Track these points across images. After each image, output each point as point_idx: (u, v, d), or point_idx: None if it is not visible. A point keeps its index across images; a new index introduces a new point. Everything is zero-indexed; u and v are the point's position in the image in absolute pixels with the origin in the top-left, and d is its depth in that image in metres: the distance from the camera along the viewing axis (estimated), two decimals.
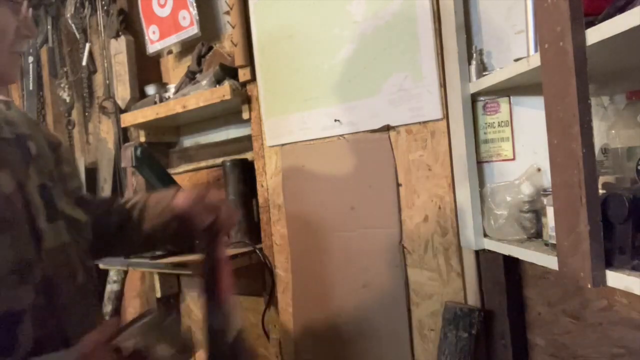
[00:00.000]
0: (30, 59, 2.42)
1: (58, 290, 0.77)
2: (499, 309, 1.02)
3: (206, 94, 1.43)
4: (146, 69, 1.84)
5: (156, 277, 1.77)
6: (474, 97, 1.01)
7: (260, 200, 1.43)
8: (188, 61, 1.67)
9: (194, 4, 1.56)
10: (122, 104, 1.85)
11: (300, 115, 1.31)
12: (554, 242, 0.74)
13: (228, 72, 1.45)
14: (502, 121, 1.00)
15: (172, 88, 1.69)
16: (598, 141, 0.80)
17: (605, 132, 0.83)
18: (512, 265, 1.00)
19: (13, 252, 0.72)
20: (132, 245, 1.04)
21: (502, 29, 0.98)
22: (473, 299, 1.04)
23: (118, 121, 1.85)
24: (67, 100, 2.22)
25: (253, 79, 1.41)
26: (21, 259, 0.73)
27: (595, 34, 0.61)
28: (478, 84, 0.97)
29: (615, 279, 0.64)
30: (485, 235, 1.00)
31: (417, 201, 1.11)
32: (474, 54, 0.99)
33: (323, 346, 1.30)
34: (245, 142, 1.55)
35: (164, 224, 0.95)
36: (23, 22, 0.76)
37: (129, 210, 0.98)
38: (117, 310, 1.90)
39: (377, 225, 1.18)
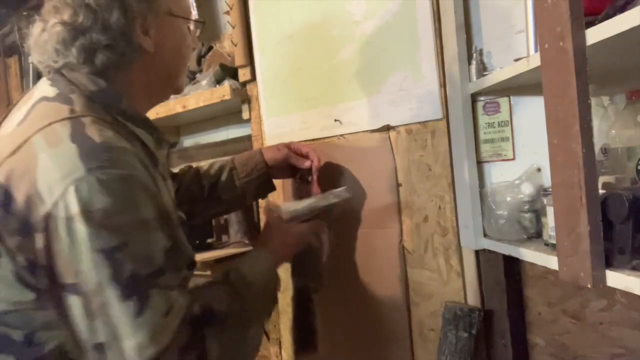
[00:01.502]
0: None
1: None
2: (499, 309, 1.02)
3: (206, 94, 1.43)
4: None
5: None
6: (474, 97, 1.01)
7: (260, 200, 1.43)
8: None
9: (194, 4, 1.56)
10: None
11: (300, 115, 1.31)
12: (554, 242, 0.74)
13: (228, 72, 1.45)
14: (502, 121, 1.00)
15: None
16: (598, 141, 0.80)
17: (605, 132, 0.83)
18: (512, 265, 1.00)
19: (186, 250, 0.81)
20: (224, 205, 1.18)
21: (502, 29, 0.98)
22: (473, 299, 1.04)
23: None
24: None
25: (253, 79, 1.41)
26: (189, 256, 0.83)
27: (595, 34, 0.61)
28: (478, 84, 0.97)
29: (615, 279, 0.64)
30: (485, 235, 1.00)
31: (417, 201, 1.11)
32: (474, 54, 0.99)
33: (323, 346, 1.30)
34: (245, 142, 1.55)
35: (255, 179, 1.12)
36: (192, 36, 0.91)
37: (217, 173, 1.12)
38: None
39: (377, 225, 1.18)
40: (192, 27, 0.91)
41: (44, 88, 0.77)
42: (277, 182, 1.27)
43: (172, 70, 0.88)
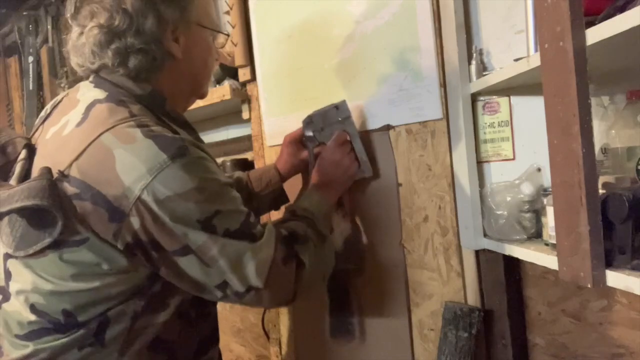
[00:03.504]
0: (30, 59, 2.42)
1: None
2: (499, 309, 1.02)
3: None
4: None
5: None
6: (474, 97, 1.01)
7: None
8: None
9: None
10: None
11: (300, 115, 1.30)
12: (554, 242, 0.74)
13: (228, 72, 1.45)
14: (502, 121, 1.00)
15: None
16: (598, 141, 0.80)
17: (605, 132, 0.83)
18: (512, 265, 1.00)
19: None
20: None
21: (502, 29, 0.98)
22: (473, 299, 1.04)
23: None
24: None
25: (253, 79, 1.41)
26: None
27: (595, 34, 0.61)
28: (478, 84, 0.97)
29: (615, 279, 0.64)
30: (485, 235, 1.00)
31: (417, 201, 1.11)
32: (474, 54, 0.99)
33: (323, 346, 1.30)
34: (245, 142, 1.55)
35: (270, 193, 1.17)
36: (216, 47, 0.98)
37: (235, 185, 1.12)
38: None
39: (377, 225, 1.18)
40: (217, 39, 0.97)
41: (90, 92, 0.81)
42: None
43: (197, 77, 0.93)
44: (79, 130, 0.76)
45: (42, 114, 0.91)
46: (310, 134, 1.13)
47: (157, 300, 0.79)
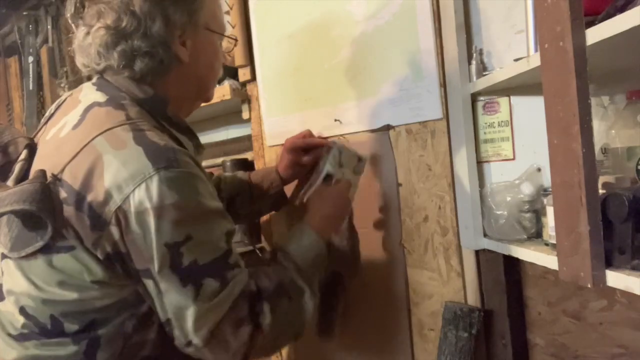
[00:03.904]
0: (30, 59, 2.42)
1: None
2: (499, 309, 1.02)
3: None
4: None
5: None
6: (474, 97, 1.01)
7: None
8: None
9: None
10: None
11: (300, 115, 1.31)
12: (554, 242, 0.74)
13: (228, 72, 1.45)
14: (502, 121, 1.00)
15: None
16: (598, 141, 0.80)
17: (605, 132, 0.83)
18: (512, 265, 1.00)
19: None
20: (240, 219, 1.22)
21: (502, 29, 0.98)
22: (473, 299, 1.04)
23: None
24: None
25: (253, 78, 1.41)
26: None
27: (595, 34, 0.61)
28: (478, 84, 0.97)
29: (615, 279, 0.64)
30: (485, 235, 1.00)
31: (417, 201, 1.11)
32: (474, 54, 0.99)
33: (323, 346, 1.30)
34: (245, 142, 1.55)
35: (271, 196, 1.15)
36: (223, 51, 0.97)
37: (236, 188, 1.15)
38: None
39: (377, 225, 1.18)
40: (224, 43, 0.95)
41: (91, 94, 0.80)
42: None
43: (204, 81, 0.92)
44: (74, 132, 0.75)
45: (47, 113, 0.90)
46: (330, 158, 1.05)
47: (146, 319, 0.77)
